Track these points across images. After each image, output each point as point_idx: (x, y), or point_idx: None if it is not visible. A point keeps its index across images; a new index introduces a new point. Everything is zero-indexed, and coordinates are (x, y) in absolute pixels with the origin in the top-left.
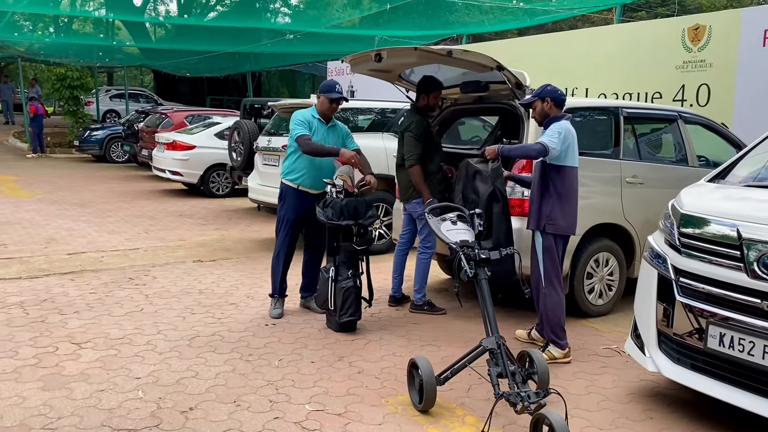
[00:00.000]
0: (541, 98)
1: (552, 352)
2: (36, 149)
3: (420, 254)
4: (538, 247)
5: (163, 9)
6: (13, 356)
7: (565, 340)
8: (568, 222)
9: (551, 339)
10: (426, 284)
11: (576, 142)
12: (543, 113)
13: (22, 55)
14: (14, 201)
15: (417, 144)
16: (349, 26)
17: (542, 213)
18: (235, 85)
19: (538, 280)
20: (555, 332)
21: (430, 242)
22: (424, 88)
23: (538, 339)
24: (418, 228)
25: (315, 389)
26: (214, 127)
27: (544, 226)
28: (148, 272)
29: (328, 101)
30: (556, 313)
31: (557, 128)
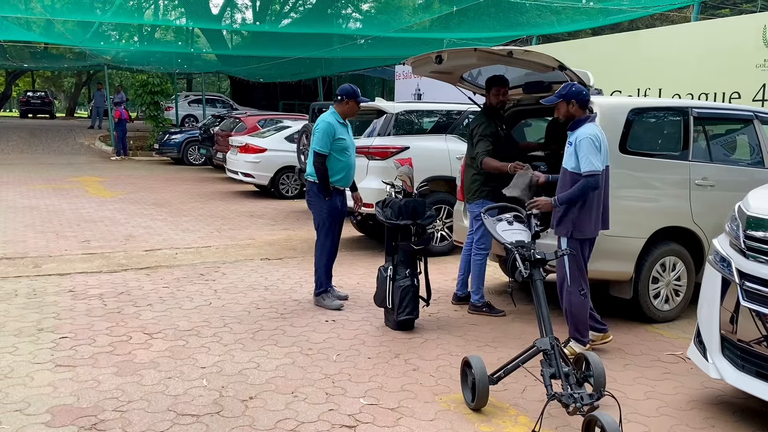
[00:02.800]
0: (566, 100)
1: (573, 347)
2: (120, 152)
3: (475, 255)
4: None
5: (239, 17)
6: (91, 343)
7: (588, 337)
8: (593, 226)
9: (574, 336)
10: (483, 285)
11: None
12: (568, 114)
13: (108, 63)
14: (98, 200)
15: (486, 144)
16: (419, 30)
17: (568, 219)
18: (306, 89)
19: (563, 279)
20: (579, 330)
21: (484, 243)
22: (495, 84)
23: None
24: (473, 228)
25: (370, 384)
26: (284, 130)
27: (571, 232)
28: (218, 269)
29: (357, 105)
30: (581, 312)
31: (592, 143)
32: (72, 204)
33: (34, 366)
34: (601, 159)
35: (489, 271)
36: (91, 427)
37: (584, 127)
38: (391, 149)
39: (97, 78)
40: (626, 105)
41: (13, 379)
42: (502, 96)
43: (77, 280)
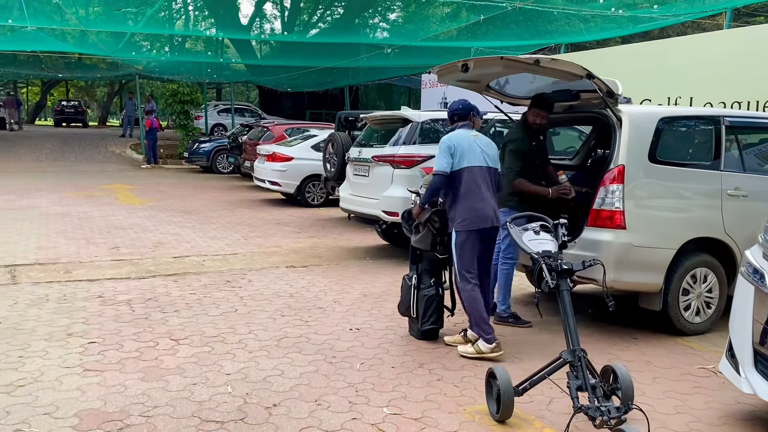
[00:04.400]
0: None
1: (480, 346)
2: (150, 160)
3: (501, 265)
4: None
5: (268, 27)
6: (118, 349)
7: (492, 334)
8: (469, 220)
9: (479, 333)
10: (510, 295)
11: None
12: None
13: (139, 73)
14: (128, 208)
15: (516, 160)
16: (446, 39)
17: (450, 215)
18: (333, 99)
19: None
20: (479, 326)
21: (511, 253)
22: (537, 105)
23: (473, 337)
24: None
25: (393, 393)
26: (311, 139)
27: (455, 225)
28: (244, 276)
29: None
30: (474, 307)
31: (443, 145)
32: (103, 211)
33: (63, 370)
34: (448, 161)
35: (515, 281)
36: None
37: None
38: (416, 158)
39: (129, 87)
40: (656, 114)
41: (42, 383)
42: (539, 120)
43: (106, 286)
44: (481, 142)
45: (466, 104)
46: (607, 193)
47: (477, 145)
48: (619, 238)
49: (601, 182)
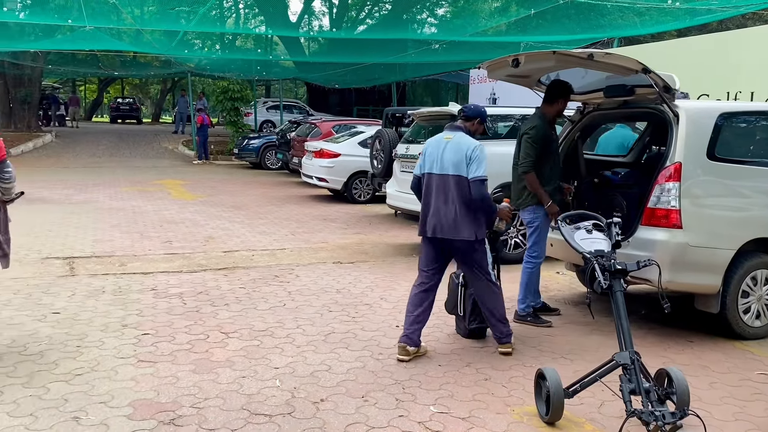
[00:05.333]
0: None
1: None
2: (201, 156)
3: (525, 263)
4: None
5: (316, 24)
6: (171, 341)
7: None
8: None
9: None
10: (531, 294)
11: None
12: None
13: (191, 71)
14: (180, 203)
15: (533, 149)
16: (494, 34)
17: None
18: (381, 95)
19: None
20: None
21: (536, 251)
22: (554, 92)
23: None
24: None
25: (440, 392)
26: (358, 135)
27: None
28: (292, 271)
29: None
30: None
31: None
32: (156, 206)
33: (118, 360)
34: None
35: (565, 280)
36: (169, 422)
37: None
38: None
39: (181, 85)
40: (715, 109)
41: (98, 372)
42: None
43: (159, 279)
44: (449, 146)
45: (476, 109)
46: (662, 192)
47: (442, 150)
48: (675, 237)
49: (657, 180)
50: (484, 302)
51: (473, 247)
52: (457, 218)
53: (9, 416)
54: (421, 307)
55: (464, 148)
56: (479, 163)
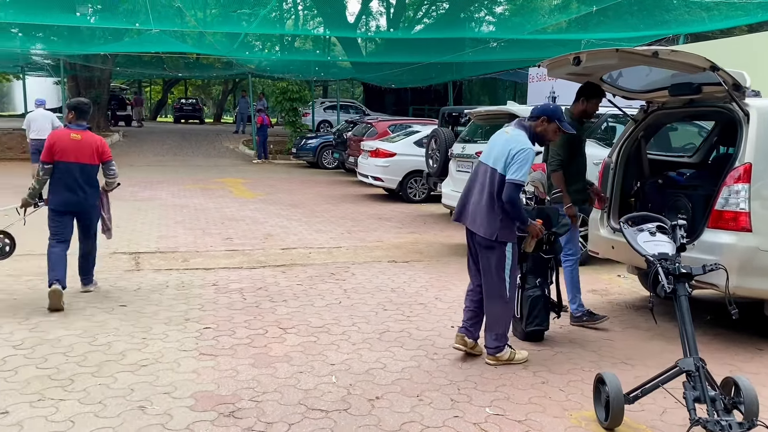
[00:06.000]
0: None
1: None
2: (261, 156)
3: (564, 263)
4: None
5: (373, 24)
6: (231, 335)
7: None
8: None
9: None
10: (579, 292)
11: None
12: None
13: (252, 72)
14: (241, 201)
15: (562, 149)
16: (554, 31)
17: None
18: (437, 94)
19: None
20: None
21: (572, 249)
22: (585, 93)
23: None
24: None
25: (496, 394)
26: (413, 135)
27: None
28: (347, 269)
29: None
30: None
31: None
32: (217, 203)
33: (180, 353)
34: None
35: (627, 284)
36: (229, 414)
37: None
38: None
39: (242, 86)
40: None
41: (162, 364)
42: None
43: (220, 274)
44: (503, 138)
45: (541, 107)
46: (731, 193)
47: (496, 141)
48: (743, 241)
49: (725, 181)
50: (488, 305)
51: (491, 246)
52: (480, 211)
53: (80, 403)
54: (475, 301)
55: (511, 145)
56: (520, 167)
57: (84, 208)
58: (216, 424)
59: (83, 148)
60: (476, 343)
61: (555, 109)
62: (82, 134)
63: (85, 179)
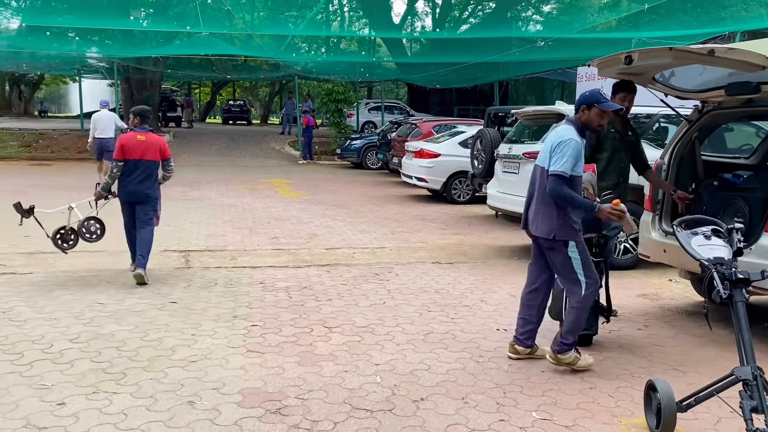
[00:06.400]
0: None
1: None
2: (306, 156)
3: None
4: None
5: (419, 25)
6: (277, 333)
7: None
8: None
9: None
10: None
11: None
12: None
13: (298, 73)
14: (286, 201)
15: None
16: (604, 30)
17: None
18: (482, 94)
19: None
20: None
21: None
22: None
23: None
24: None
25: (543, 398)
26: (458, 135)
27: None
28: (391, 269)
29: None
30: None
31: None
32: (264, 203)
33: (229, 350)
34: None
35: (679, 288)
36: (276, 411)
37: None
38: None
39: (288, 87)
40: None
41: (211, 360)
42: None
43: (267, 273)
44: (549, 135)
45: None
46: None
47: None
48: None
49: None
50: (567, 303)
51: (551, 246)
52: (538, 212)
53: (132, 397)
54: (529, 308)
55: (553, 139)
56: (561, 156)
57: (147, 199)
58: (263, 421)
59: (148, 148)
60: (531, 350)
61: (590, 94)
62: (146, 136)
63: (148, 174)
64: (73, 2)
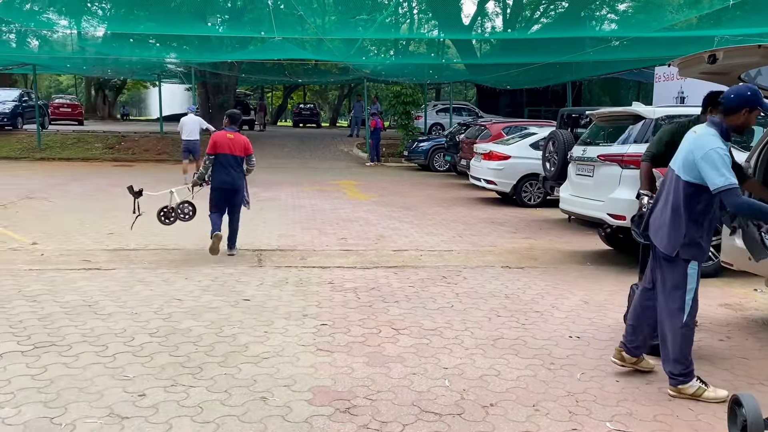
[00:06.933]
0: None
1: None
2: (373, 158)
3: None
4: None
5: (489, 25)
6: (346, 332)
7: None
8: None
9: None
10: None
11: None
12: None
13: (367, 76)
14: (354, 202)
15: (657, 143)
16: (683, 28)
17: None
18: (554, 95)
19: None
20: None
21: None
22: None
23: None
24: None
25: (618, 408)
26: (529, 137)
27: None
28: (459, 273)
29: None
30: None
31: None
32: (332, 204)
33: (299, 348)
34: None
35: (764, 299)
36: (345, 411)
37: None
38: None
39: (357, 90)
40: None
41: (283, 358)
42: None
43: (335, 273)
44: (689, 140)
45: (738, 95)
46: None
47: (683, 143)
48: None
49: None
50: (663, 327)
51: (671, 260)
52: (662, 222)
53: (208, 391)
54: (643, 309)
55: (696, 151)
56: (713, 170)
57: (235, 186)
58: (333, 420)
59: (235, 144)
60: (641, 358)
61: (753, 95)
62: (234, 134)
63: (235, 166)
64: (154, 10)
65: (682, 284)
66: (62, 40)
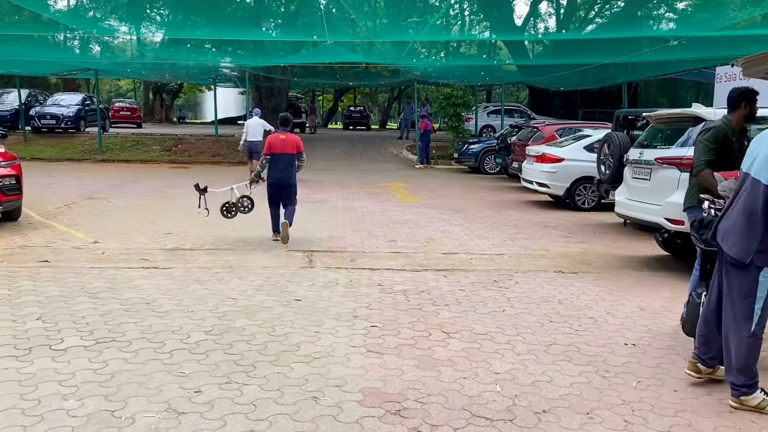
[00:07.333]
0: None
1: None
2: (423, 161)
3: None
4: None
5: (542, 26)
6: (396, 335)
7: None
8: None
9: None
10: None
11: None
12: None
13: (417, 79)
14: (403, 204)
15: (707, 150)
16: (747, 26)
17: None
18: (609, 96)
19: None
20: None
21: None
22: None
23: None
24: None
25: (676, 419)
26: (583, 139)
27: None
28: (511, 277)
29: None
30: None
31: None
32: (382, 206)
33: (350, 348)
34: None
35: None
36: (395, 413)
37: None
38: None
39: (407, 92)
40: None
41: (333, 358)
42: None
43: (385, 275)
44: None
45: None
46: None
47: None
48: None
49: None
50: (728, 337)
51: (742, 267)
52: (734, 227)
53: (261, 389)
54: (708, 325)
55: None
56: None
57: (288, 182)
58: (383, 421)
59: (288, 144)
60: (717, 368)
61: None
62: (286, 135)
63: (288, 163)
64: (210, 16)
65: (752, 292)
66: (122, 46)
